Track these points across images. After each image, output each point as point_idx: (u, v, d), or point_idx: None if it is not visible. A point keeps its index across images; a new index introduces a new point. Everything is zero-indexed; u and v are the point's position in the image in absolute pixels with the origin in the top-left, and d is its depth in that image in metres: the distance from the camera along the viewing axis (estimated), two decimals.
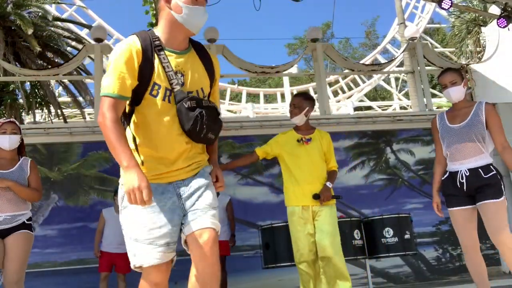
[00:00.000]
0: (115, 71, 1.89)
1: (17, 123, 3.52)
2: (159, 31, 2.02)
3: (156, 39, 1.98)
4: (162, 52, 1.96)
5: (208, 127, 1.97)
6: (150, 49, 1.94)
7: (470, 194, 3.25)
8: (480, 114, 3.31)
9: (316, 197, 3.56)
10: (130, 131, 2.02)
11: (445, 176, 3.40)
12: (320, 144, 3.72)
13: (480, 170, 3.23)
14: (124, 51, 1.91)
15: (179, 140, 1.98)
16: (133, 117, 2.00)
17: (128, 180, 1.77)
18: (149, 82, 1.93)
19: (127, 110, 2.00)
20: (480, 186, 3.19)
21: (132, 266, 1.96)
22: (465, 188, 3.23)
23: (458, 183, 3.26)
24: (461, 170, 3.26)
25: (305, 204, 3.61)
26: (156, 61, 1.94)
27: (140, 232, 1.91)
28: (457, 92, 3.36)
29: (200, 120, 1.93)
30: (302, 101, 3.73)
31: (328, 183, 3.62)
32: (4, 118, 3.57)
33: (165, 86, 1.95)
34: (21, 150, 3.55)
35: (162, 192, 1.97)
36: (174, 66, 1.98)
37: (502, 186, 3.23)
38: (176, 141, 1.97)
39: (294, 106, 3.73)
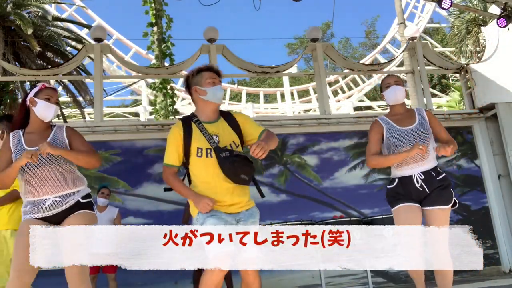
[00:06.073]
0: (168, 146, 2.75)
1: (56, 90, 2.93)
2: (197, 112, 2.86)
3: (195, 117, 2.80)
4: (200, 124, 2.75)
5: (240, 169, 2.64)
6: (189, 125, 2.74)
7: (420, 200, 3.13)
8: (424, 117, 3.25)
9: None
10: (188, 184, 2.80)
11: (393, 185, 3.22)
12: None
13: (432, 172, 3.13)
14: (171, 131, 2.77)
15: (221, 182, 2.66)
16: (189, 175, 2.79)
17: (197, 203, 2.62)
18: (190, 147, 2.70)
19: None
20: (433, 190, 3.09)
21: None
22: (427, 189, 3.09)
23: (417, 187, 3.10)
24: (415, 175, 3.12)
25: None
26: (196, 131, 2.72)
27: None
28: (402, 92, 3.26)
29: (233, 164, 2.63)
30: None
31: None
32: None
33: (205, 147, 2.68)
34: None
35: (220, 217, 2.61)
36: (211, 132, 2.73)
37: (452, 190, 3.15)
38: (219, 184, 2.66)
39: None
